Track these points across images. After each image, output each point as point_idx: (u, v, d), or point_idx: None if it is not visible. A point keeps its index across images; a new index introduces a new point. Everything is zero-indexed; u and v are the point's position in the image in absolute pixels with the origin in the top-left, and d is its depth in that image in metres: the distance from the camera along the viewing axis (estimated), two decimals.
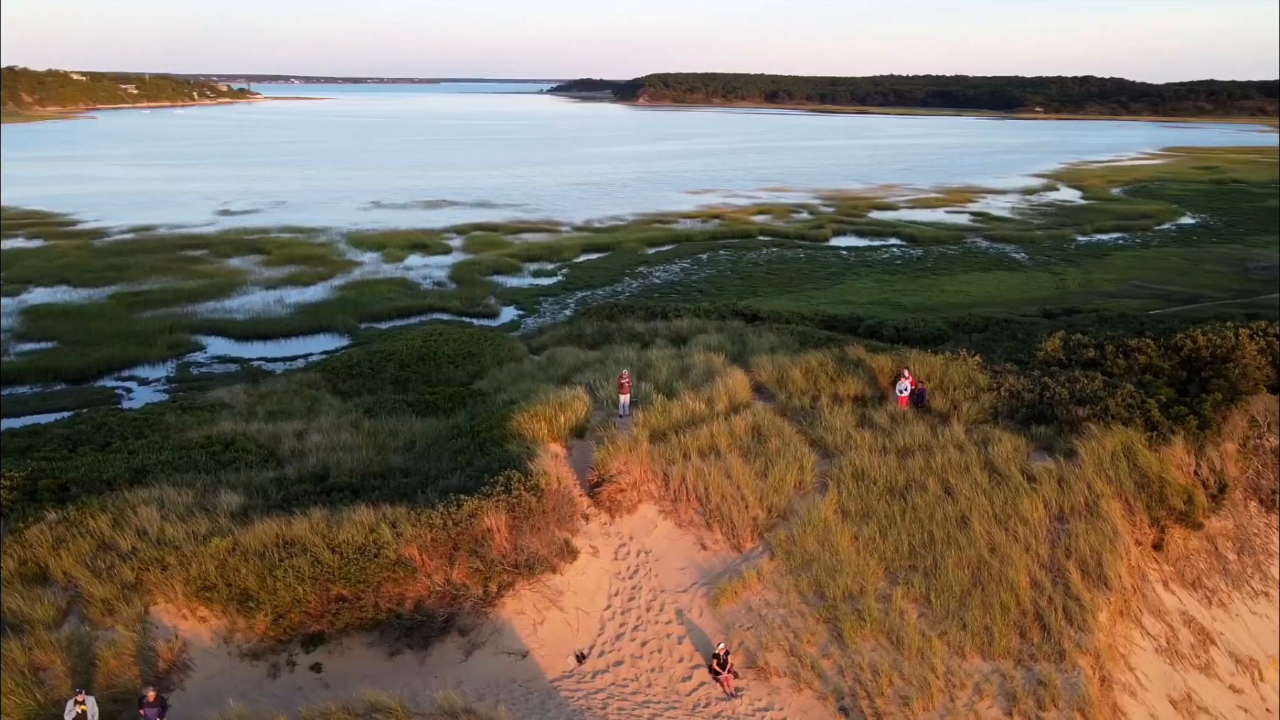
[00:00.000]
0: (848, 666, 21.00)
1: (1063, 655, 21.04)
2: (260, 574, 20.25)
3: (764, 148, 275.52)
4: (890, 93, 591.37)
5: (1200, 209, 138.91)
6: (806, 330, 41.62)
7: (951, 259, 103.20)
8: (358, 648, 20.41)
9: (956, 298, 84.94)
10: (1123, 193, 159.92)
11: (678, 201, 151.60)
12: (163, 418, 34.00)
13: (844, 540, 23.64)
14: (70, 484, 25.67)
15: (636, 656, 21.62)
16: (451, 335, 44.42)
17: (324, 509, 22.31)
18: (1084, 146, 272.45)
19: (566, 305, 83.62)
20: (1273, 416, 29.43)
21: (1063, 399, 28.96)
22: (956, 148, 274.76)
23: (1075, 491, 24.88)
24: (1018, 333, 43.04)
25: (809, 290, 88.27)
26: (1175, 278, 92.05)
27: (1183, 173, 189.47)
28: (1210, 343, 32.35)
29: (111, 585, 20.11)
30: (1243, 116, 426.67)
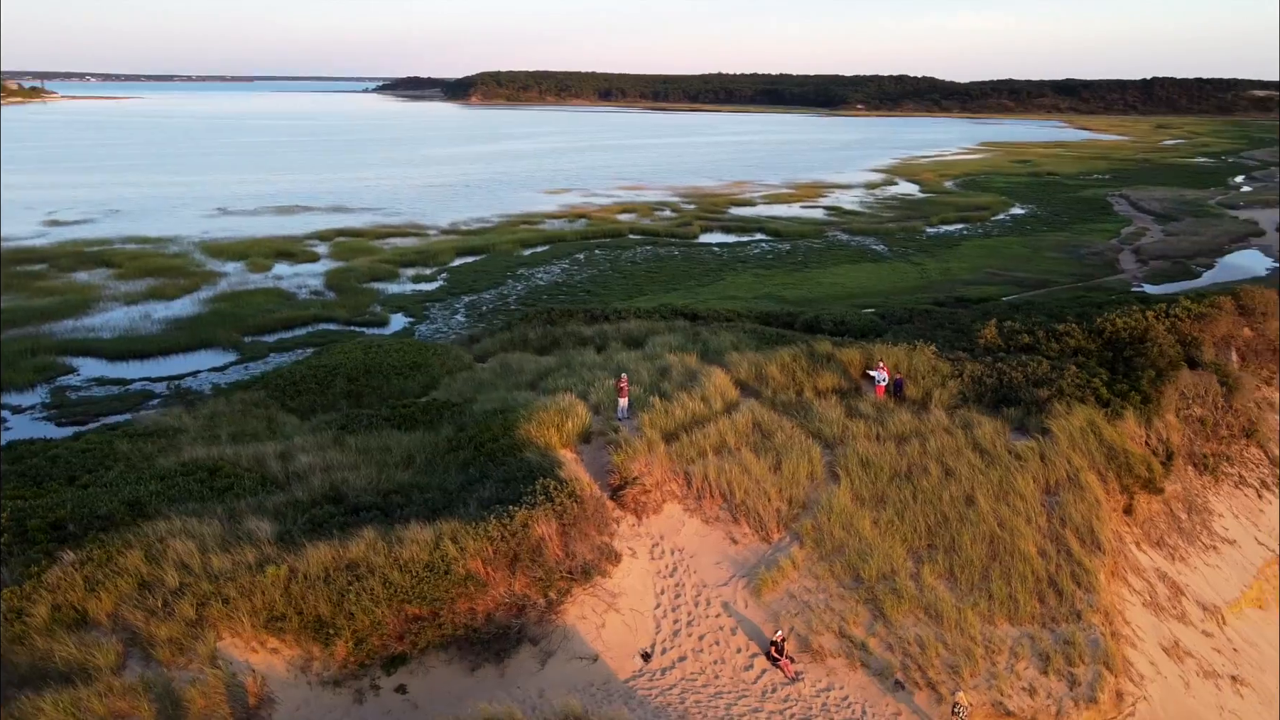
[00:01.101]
0: (895, 643, 22.47)
1: (1079, 615, 23.22)
2: (331, 600, 19.84)
3: (608, 146, 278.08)
4: (720, 91, 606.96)
5: (1026, 200, 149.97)
6: (755, 328, 43.15)
7: (818, 252, 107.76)
8: (438, 665, 20.31)
9: (833, 289, 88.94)
10: (955, 186, 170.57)
11: (539, 202, 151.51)
12: (113, 445, 32.03)
13: (865, 525, 25.15)
14: (63, 522, 24.09)
15: (697, 650, 22.40)
16: (392, 346, 43.49)
17: (374, 529, 21.94)
18: (909, 142, 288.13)
19: (456, 310, 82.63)
20: (1194, 389, 32.99)
21: (1020, 382, 31.57)
22: (794, 144, 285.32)
23: (1057, 466, 27.32)
24: (943, 321, 46.04)
25: (693, 287, 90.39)
26: (1021, 265, 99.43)
27: (1002, 166, 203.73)
28: (1127, 325, 35.87)
29: (175, 623, 19.27)
30: (1040, 112, 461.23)
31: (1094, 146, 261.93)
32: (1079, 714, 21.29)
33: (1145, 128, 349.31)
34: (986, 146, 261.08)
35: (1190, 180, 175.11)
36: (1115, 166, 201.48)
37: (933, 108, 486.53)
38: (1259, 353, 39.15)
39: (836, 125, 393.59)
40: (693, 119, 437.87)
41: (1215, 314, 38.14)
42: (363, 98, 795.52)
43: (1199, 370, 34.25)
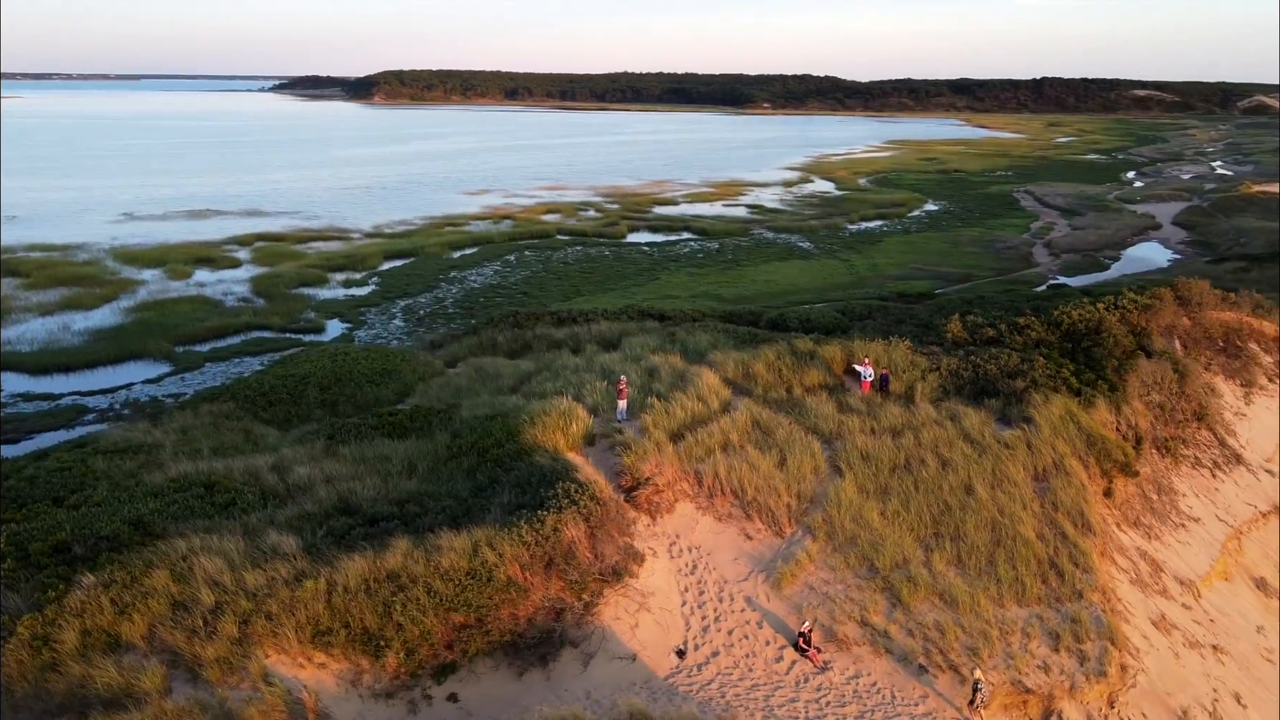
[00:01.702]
0: (915, 629, 23.38)
1: (1080, 595, 24.50)
2: (378, 611, 19.72)
3: (520, 146, 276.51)
4: (628, 90, 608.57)
5: (938, 196, 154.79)
6: (727, 327, 43.79)
7: (747, 250, 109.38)
8: (485, 672, 20.35)
9: (768, 287, 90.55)
10: (869, 183, 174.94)
11: (460, 203, 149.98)
12: (88, 463, 30.86)
13: (874, 516, 26.04)
14: (65, 544, 23.26)
15: (728, 645, 22.91)
16: (360, 354, 42.72)
17: (407, 539, 21.82)
18: (819, 141, 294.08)
19: (392, 315, 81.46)
20: (1152, 377, 34.95)
21: (995, 374, 32.97)
22: (707, 143, 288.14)
23: (1044, 454, 28.69)
24: (903, 317, 47.49)
25: (630, 287, 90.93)
26: (943, 259, 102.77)
27: (911, 164, 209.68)
28: (1082, 317, 37.73)
29: (220, 642, 18.89)
30: (938, 111, 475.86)
31: (994, 144, 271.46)
32: (1090, 687, 22.51)
33: (1038, 125, 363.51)
34: (894, 144, 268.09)
35: (1087, 176, 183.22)
36: (1016, 163, 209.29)
37: (836, 106, 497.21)
38: (1197, 340, 41.60)
39: (746, 124, 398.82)
40: (603, 118, 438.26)
41: (1158, 305, 40.43)
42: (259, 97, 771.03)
43: (1154, 358, 36.31)
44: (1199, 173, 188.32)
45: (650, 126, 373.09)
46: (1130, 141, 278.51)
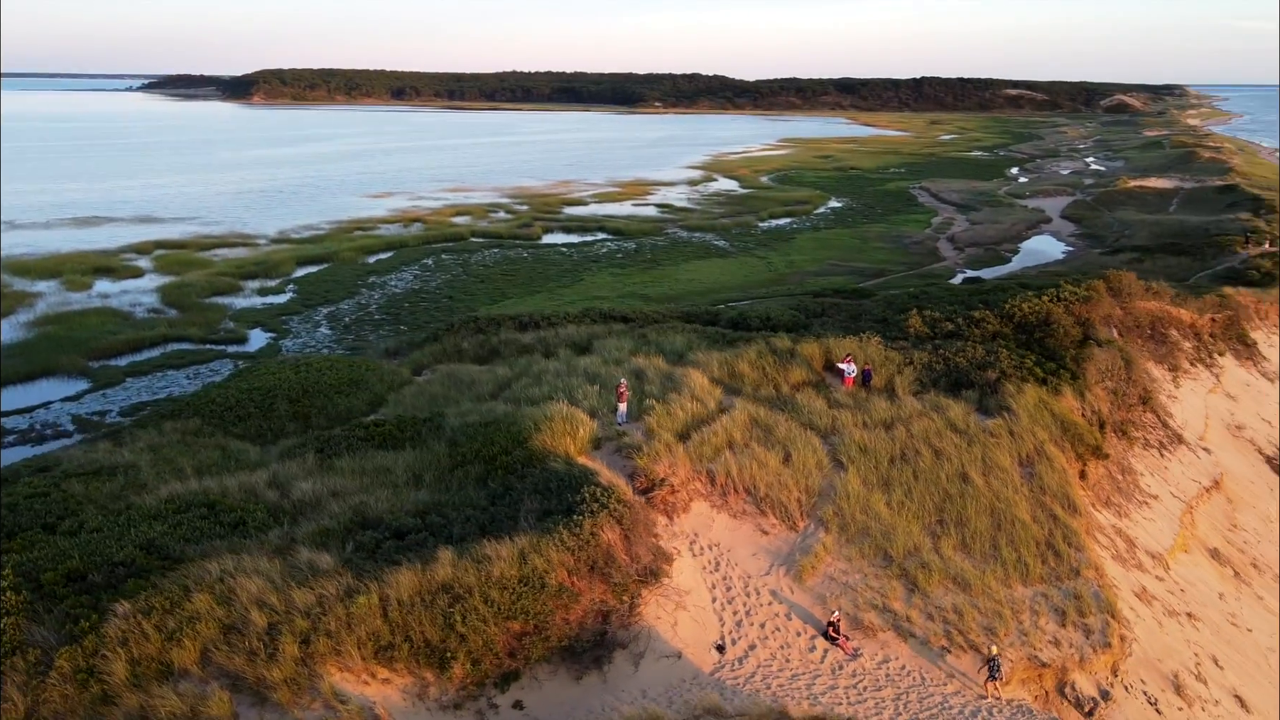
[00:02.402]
0: (934, 612, 24.54)
1: (1077, 572, 26.11)
2: (438, 623, 19.70)
3: (416, 147, 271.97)
4: (518, 89, 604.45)
5: (840, 193, 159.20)
6: (696, 328, 44.38)
7: (664, 249, 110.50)
8: (545, 678, 20.54)
9: (692, 285, 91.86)
10: (771, 181, 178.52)
11: (364, 206, 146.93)
12: (62, 487, 29.48)
13: (881, 507, 27.15)
14: (79, 573, 22.39)
15: (763, 638, 23.62)
16: (323, 364, 41.65)
17: (450, 550, 21.79)
18: (714, 139, 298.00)
19: (317, 323, 79.58)
20: (1104, 364, 37.22)
21: (966, 367, 34.61)
22: (604, 143, 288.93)
23: (1026, 441, 30.35)
24: (857, 313, 48.94)
25: (555, 289, 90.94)
26: (856, 255, 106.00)
27: (808, 161, 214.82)
28: (1032, 309, 39.89)
29: (286, 664, 18.58)
30: (825, 109, 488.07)
31: (883, 142, 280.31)
32: (1098, 658, 24.08)
33: (921, 123, 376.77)
34: (788, 143, 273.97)
35: (975, 173, 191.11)
36: (907, 161, 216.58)
37: (727, 105, 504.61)
38: (1129, 329, 44.42)
39: (640, 123, 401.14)
40: (496, 118, 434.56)
41: (1096, 296, 43.01)
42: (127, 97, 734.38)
43: (1103, 347, 38.67)
44: (1076, 168, 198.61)
45: (545, 126, 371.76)
46: (1009, 139, 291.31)
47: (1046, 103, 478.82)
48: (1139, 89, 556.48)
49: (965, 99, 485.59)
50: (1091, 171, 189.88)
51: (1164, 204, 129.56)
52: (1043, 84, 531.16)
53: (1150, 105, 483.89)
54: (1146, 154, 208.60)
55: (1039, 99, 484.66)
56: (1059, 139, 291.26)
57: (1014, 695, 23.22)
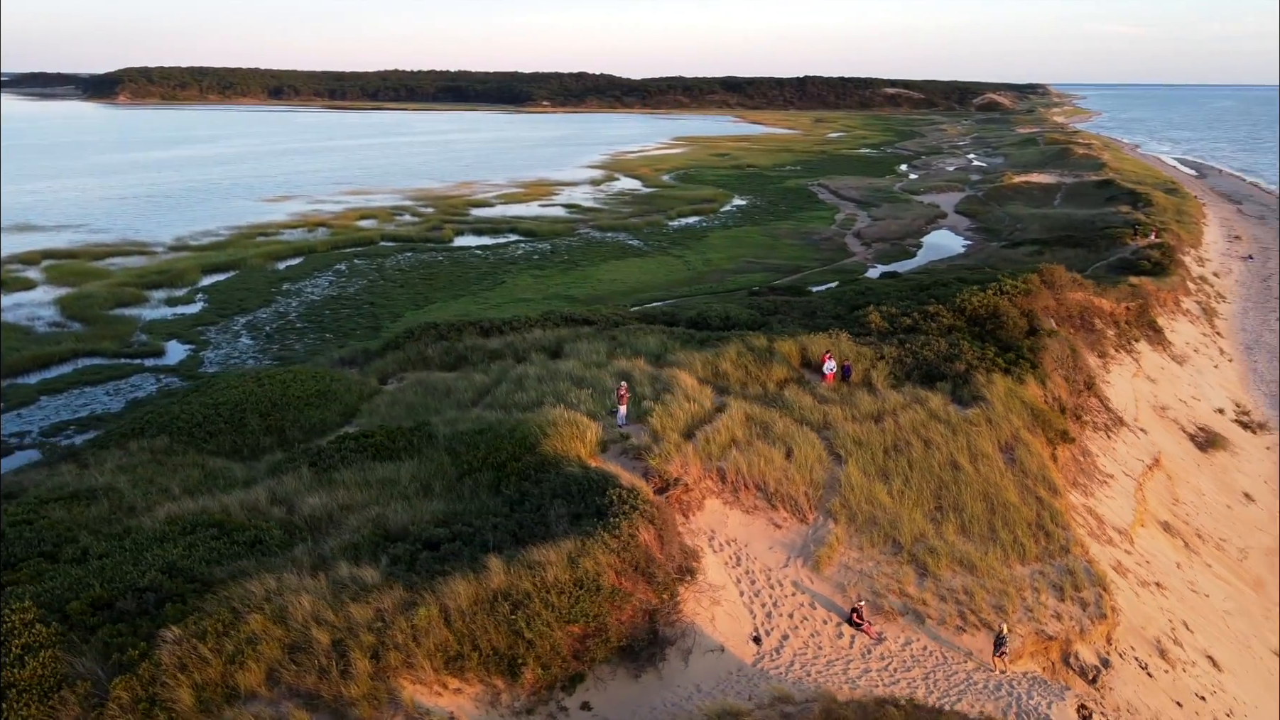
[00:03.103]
0: (946, 594, 25.88)
1: (1066, 550, 27.88)
2: (504, 630, 19.88)
3: (304, 149, 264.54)
4: (401, 88, 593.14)
5: (742, 192, 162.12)
6: (665, 329, 44.88)
7: (580, 250, 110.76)
8: (606, 678, 20.93)
9: (615, 285, 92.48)
10: (672, 180, 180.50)
11: (262, 211, 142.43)
12: (42, 513, 28.21)
13: (884, 497, 28.40)
14: (105, 601, 21.67)
15: (793, 628, 24.51)
16: (285, 377, 40.46)
17: (498, 558, 21.91)
18: (608, 138, 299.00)
19: (237, 334, 77.02)
20: (1056, 353, 39.51)
21: (933, 360, 36.28)
22: (498, 143, 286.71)
23: (1003, 428, 32.10)
24: (812, 310, 50.32)
25: (479, 292, 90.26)
26: (770, 252, 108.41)
27: (706, 160, 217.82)
28: (982, 303, 42.00)
29: (362, 680, 18.48)
30: (712, 108, 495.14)
31: (775, 140, 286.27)
32: (1096, 629, 25.83)
33: (807, 121, 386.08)
34: (683, 141, 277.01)
35: (867, 170, 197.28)
36: (801, 158, 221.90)
37: (615, 104, 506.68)
38: (1063, 319, 47.18)
39: (530, 122, 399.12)
40: (383, 118, 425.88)
41: (1035, 289, 45.56)
42: None
43: (1051, 336, 41.04)
44: (960, 165, 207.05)
45: (436, 126, 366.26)
46: (892, 136, 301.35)
47: (923, 101, 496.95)
48: (1006, 88, 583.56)
49: (847, 97, 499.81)
50: (975, 167, 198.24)
51: (1049, 198, 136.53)
52: (919, 83, 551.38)
53: (1018, 103, 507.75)
54: (1024, 151, 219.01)
55: (916, 98, 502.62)
56: (939, 136, 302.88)
57: (1026, 668, 24.74)
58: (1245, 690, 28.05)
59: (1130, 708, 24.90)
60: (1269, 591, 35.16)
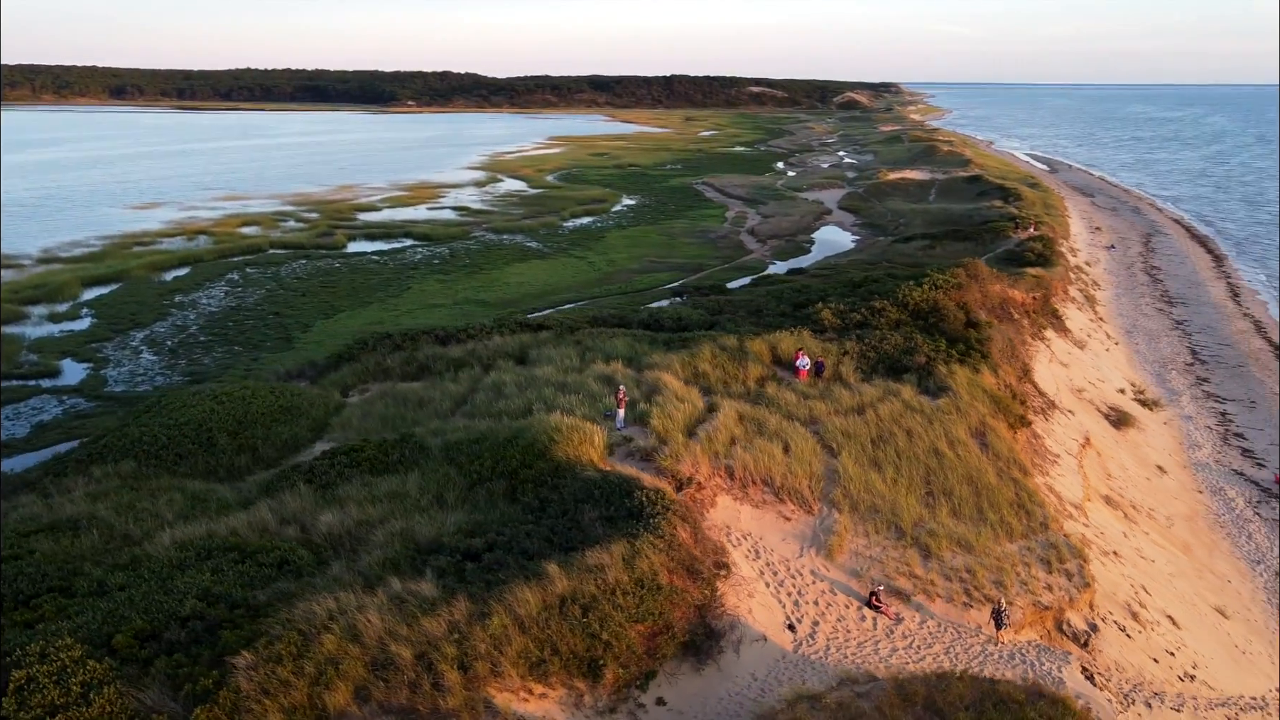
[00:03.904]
0: (950, 573, 27.66)
1: (1045, 526, 30.14)
2: (579, 633, 20.37)
3: (161, 152, 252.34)
4: (256, 87, 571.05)
5: (629, 191, 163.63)
6: (623, 331, 45.31)
7: (480, 253, 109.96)
8: (673, 673, 21.65)
9: (526, 288, 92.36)
10: (557, 180, 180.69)
11: (132, 219, 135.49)
12: (26, 546, 26.80)
13: (880, 485, 30.01)
14: (149, 632, 21.09)
15: (821, 614, 25.78)
16: (243, 394, 38.89)
17: (554, 563, 22.31)
18: (483, 138, 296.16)
19: (137, 350, 73.43)
20: (1000, 344, 42.15)
21: (894, 353, 38.25)
22: (368, 144, 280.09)
23: (971, 416, 34.24)
24: (755, 309, 51.68)
25: (387, 298, 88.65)
26: (671, 252, 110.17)
27: (585, 159, 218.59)
28: (923, 297, 44.39)
29: (456, 691, 18.66)
30: (581, 107, 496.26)
31: (651, 139, 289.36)
32: (1083, 597, 28.12)
33: (677, 120, 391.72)
34: (559, 141, 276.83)
35: (746, 168, 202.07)
36: (680, 157, 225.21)
37: (483, 103, 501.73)
38: (988, 310, 50.23)
39: (398, 123, 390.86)
40: (240, 119, 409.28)
41: (965, 283, 48.39)
42: None
43: (986, 328, 43.76)
44: (834, 162, 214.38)
45: (299, 128, 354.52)
46: (763, 134, 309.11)
47: (787, 100, 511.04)
48: (863, 87, 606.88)
49: (713, 96, 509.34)
50: (848, 164, 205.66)
51: (924, 194, 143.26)
52: (782, 82, 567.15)
53: (876, 101, 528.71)
54: (891, 148, 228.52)
55: (780, 96, 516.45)
56: (808, 134, 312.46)
57: (1028, 637, 26.73)
58: (1201, 644, 30.94)
59: (1118, 666, 27.25)
60: (1196, 554, 38.63)
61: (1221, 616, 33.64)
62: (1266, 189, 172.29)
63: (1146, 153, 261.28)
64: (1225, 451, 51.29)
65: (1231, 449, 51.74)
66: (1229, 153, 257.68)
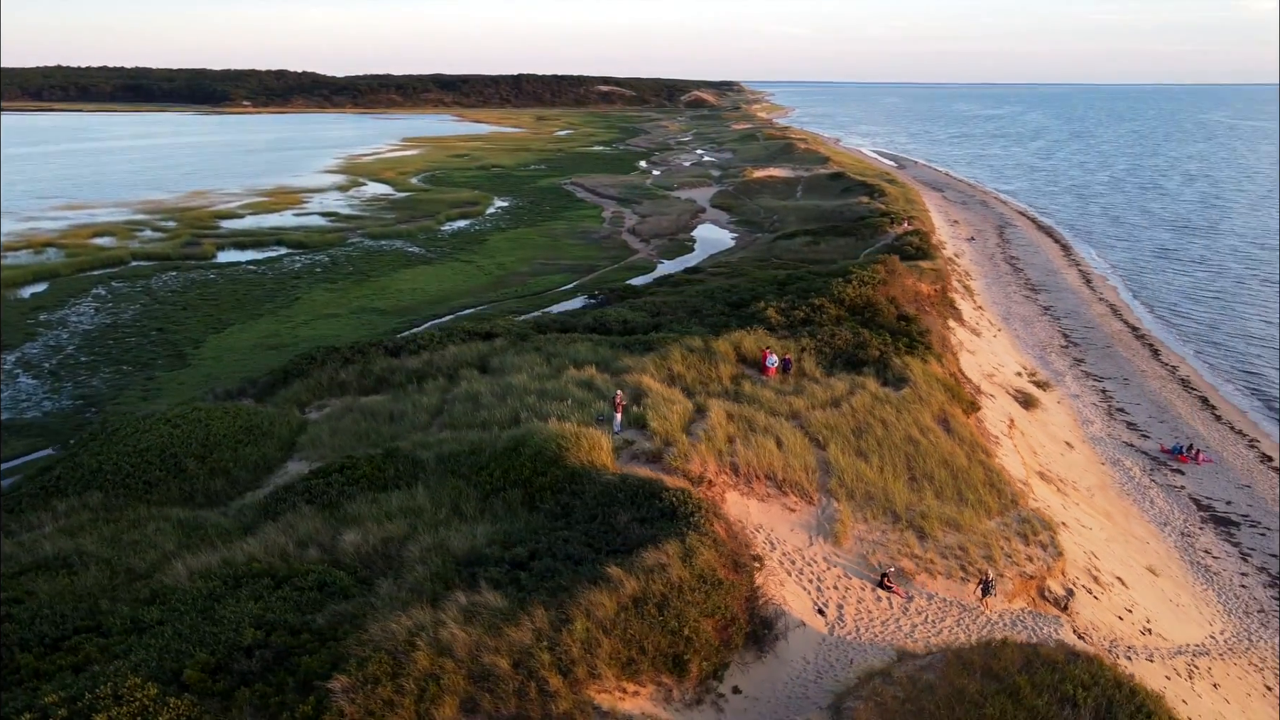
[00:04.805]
0: (946, 551, 29.77)
1: (1015, 502, 32.75)
2: (660, 630, 21.15)
3: None
4: (70, 86, 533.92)
5: (500, 193, 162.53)
6: (575, 335, 45.42)
7: (362, 260, 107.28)
8: (740, 663, 22.64)
9: (420, 295, 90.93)
10: (422, 183, 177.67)
11: None
12: (22, 584, 25.23)
13: (870, 474, 31.86)
14: (218, 665, 20.61)
15: (843, 598, 27.35)
16: (196, 417, 36.81)
17: (615, 566, 22.91)
18: (333, 140, 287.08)
19: (13, 374, 68.35)
20: (937, 336, 44.94)
21: (846, 348, 40.34)
22: (209, 147, 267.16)
23: (933, 404, 36.61)
24: (693, 309, 52.74)
25: (276, 309, 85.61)
26: (558, 253, 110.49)
27: (446, 161, 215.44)
28: (857, 294, 46.86)
29: (565, 696, 19.12)
30: (428, 106, 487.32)
31: (506, 139, 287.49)
32: (1058, 565, 30.80)
33: (529, 119, 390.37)
34: (414, 143, 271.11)
35: (610, 167, 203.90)
36: (541, 157, 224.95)
37: (324, 103, 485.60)
38: (907, 303, 53.33)
39: (238, 125, 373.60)
40: (59, 121, 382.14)
41: (888, 279, 51.23)
42: None
43: (914, 321, 46.56)
44: (694, 160, 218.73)
45: (131, 130, 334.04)
46: (619, 134, 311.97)
47: (635, 98, 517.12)
48: (708, 85, 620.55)
49: (562, 95, 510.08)
50: (709, 163, 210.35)
51: (791, 191, 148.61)
52: (629, 80, 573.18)
53: (721, 100, 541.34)
54: (748, 146, 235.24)
55: (628, 95, 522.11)
56: (663, 133, 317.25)
57: (1018, 605, 29.12)
58: (1146, 601, 34.28)
59: (1094, 625, 30.02)
60: (1117, 520, 42.46)
61: (1153, 575, 37.25)
62: (1091, 182, 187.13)
63: (979, 149, 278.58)
64: (1113, 426, 56.21)
65: (1118, 423, 56.73)
66: (1051, 148, 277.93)
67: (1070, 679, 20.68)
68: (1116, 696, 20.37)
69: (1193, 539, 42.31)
